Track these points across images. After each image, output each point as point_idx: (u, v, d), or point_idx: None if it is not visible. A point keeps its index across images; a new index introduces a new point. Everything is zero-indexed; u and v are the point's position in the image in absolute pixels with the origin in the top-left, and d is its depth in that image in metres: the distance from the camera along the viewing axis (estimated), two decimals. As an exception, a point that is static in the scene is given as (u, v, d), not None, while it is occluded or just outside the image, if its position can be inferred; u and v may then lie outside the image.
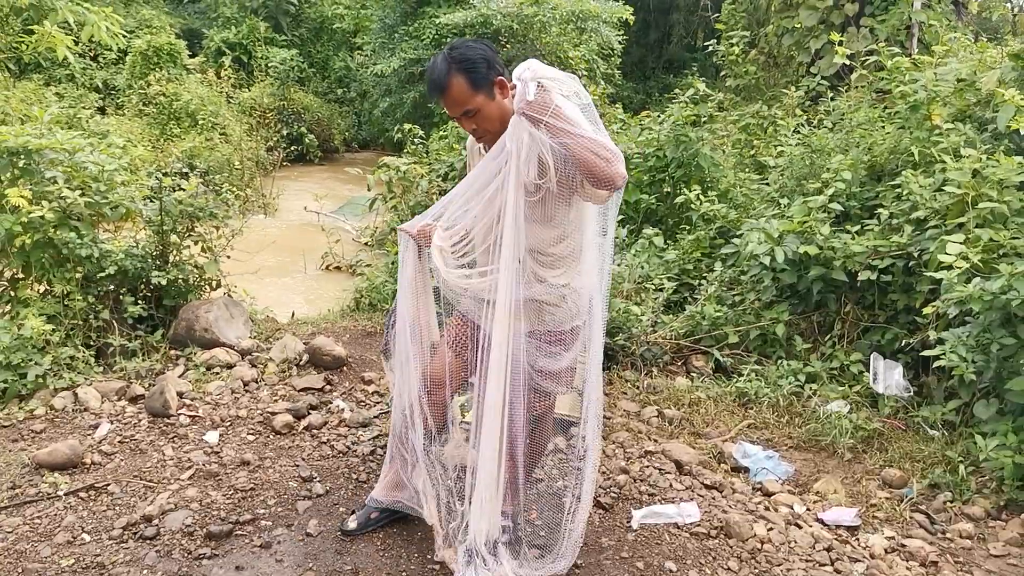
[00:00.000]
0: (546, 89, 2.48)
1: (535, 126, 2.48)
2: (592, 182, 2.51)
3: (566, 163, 2.53)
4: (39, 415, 4.25)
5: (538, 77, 2.47)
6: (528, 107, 2.46)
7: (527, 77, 2.47)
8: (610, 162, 2.45)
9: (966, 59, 6.53)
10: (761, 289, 5.69)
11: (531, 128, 2.49)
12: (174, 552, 3.12)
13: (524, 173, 2.56)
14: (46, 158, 4.91)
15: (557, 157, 2.52)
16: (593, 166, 2.45)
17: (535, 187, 2.63)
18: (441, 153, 8.44)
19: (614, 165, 2.46)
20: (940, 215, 4.93)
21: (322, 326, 5.95)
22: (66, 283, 4.74)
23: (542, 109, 2.46)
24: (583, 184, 2.59)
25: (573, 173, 2.57)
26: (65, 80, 17.16)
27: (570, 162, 2.52)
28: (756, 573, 3.23)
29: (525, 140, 2.52)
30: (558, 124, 2.45)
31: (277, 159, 15.25)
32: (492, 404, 2.78)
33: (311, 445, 4.09)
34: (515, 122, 2.53)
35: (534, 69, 2.49)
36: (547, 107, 2.46)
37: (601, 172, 2.46)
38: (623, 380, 5.30)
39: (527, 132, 2.50)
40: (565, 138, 2.45)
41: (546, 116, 2.45)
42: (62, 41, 6.78)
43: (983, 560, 3.54)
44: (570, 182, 2.62)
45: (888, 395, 4.81)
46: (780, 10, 12.45)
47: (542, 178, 2.59)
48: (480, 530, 2.90)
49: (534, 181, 2.60)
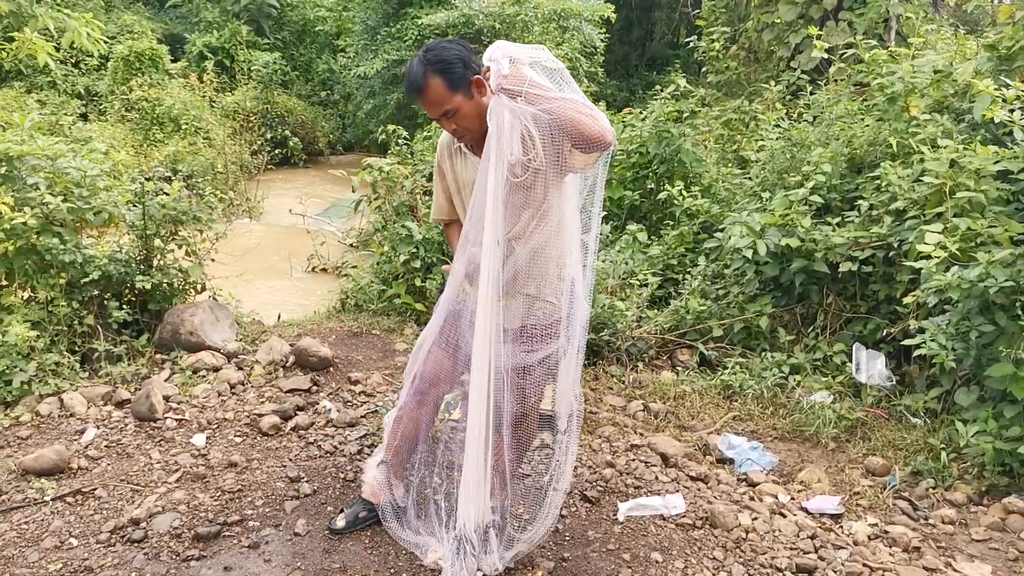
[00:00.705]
0: (518, 62, 2.49)
1: (514, 99, 2.49)
2: (582, 144, 2.51)
3: (552, 132, 2.52)
4: (25, 421, 4.24)
5: (508, 54, 2.49)
6: (505, 81, 2.47)
7: (497, 56, 2.48)
8: (595, 118, 2.48)
9: (943, 51, 6.59)
10: (744, 282, 5.73)
11: (511, 103, 2.49)
12: (162, 554, 3.13)
13: (508, 152, 2.56)
14: (28, 164, 4.90)
15: (541, 126, 2.50)
16: (580, 124, 2.47)
17: (523, 168, 2.62)
18: (425, 154, 8.46)
19: (600, 121, 2.48)
20: (919, 205, 4.98)
21: (308, 327, 5.96)
22: (50, 289, 4.73)
23: (519, 81, 2.47)
24: (571, 152, 2.58)
25: (560, 142, 2.55)
26: (47, 87, 17.06)
27: (556, 131, 2.51)
28: (741, 562, 3.27)
29: (506, 117, 2.51)
30: (537, 92, 2.47)
31: (261, 162, 15.22)
32: (477, 394, 2.79)
33: (298, 446, 4.10)
34: (494, 103, 2.53)
35: (503, 48, 2.51)
36: (523, 78, 2.47)
37: (589, 129, 2.47)
38: (609, 375, 5.33)
39: (507, 109, 2.50)
40: (546, 104, 2.47)
41: (524, 86, 2.47)
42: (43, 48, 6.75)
43: (965, 545, 3.58)
44: (558, 154, 2.59)
45: (871, 385, 4.86)
46: (760, 5, 12.51)
47: (527, 155, 2.58)
48: (468, 518, 2.92)
49: (520, 159, 2.58)
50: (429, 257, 6.29)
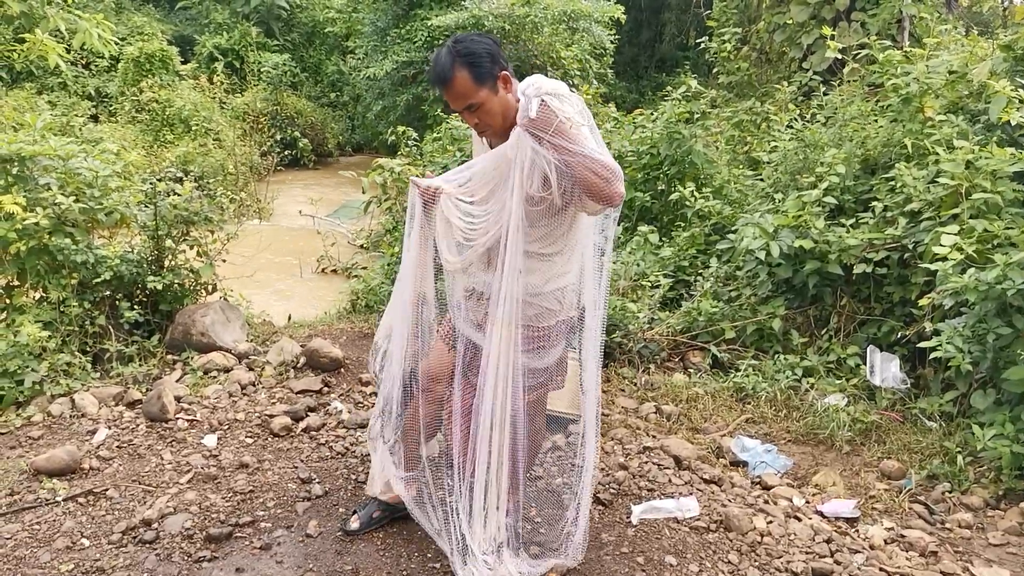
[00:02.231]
0: (548, 107, 2.48)
1: (537, 143, 2.50)
2: (591, 199, 2.55)
3: (567, 179, 2.56)
4: (37, 421, 4.24)
5: (542, 93, 2.48)
6: (530, 124, 2.48)
7: (531, 93, 2.48)
8: (609, 182, 2.48)
9: (957, 51, 6.55)
10: (757, 284, 5.70)
11: (534, 144, 2.51)
12: (174, 555, 3.12)
13: (528, 185, 2.59)
14: (40, 165, 4.91)
15: (559, 173, 2.54)
16: (592, 185, 2.49)
17: (539, 198, 2.66)
18: (435, 155, 8.43)
19: (613, 185, 2.49)
20: (934, 207, 4.94)
21: (319, 328, 5.95)
22: (62, 289, 4.73)
23: (544, 126, 2.48)
24: (582, 198, 2.62)
25: (574, 188, 2.60)
26: (57, 88, 17.13)
27: (571, 182, 2.55)
28: (756, 566, 3.24)
29: (528, 155, 2.54)
30: (559, 142, 2.48)
31: (271, 164, 15.22)
32: (489, 406, 2.78)
33: (309, 447, 4.08)
34: (519, 136, 2.55)
35: (539, 85, 2.50)
36: (549, 125, 2.48)
37: (600, 191, 2.49)
38: (621, 377, 5.30)
39: (530, 148, 2.53)
40: (566, 156, 2.48)
41: (548, 134, 2.48)
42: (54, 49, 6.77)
43: (982, 549, 3.54)
44: (570, 195, 2.65)
45: (885, 388, 4.82)
46: (771, 6, 12.46)
47: (545, 190, 2.62)
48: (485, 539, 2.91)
49: (538, 193, 2.63)
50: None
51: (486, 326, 2.82)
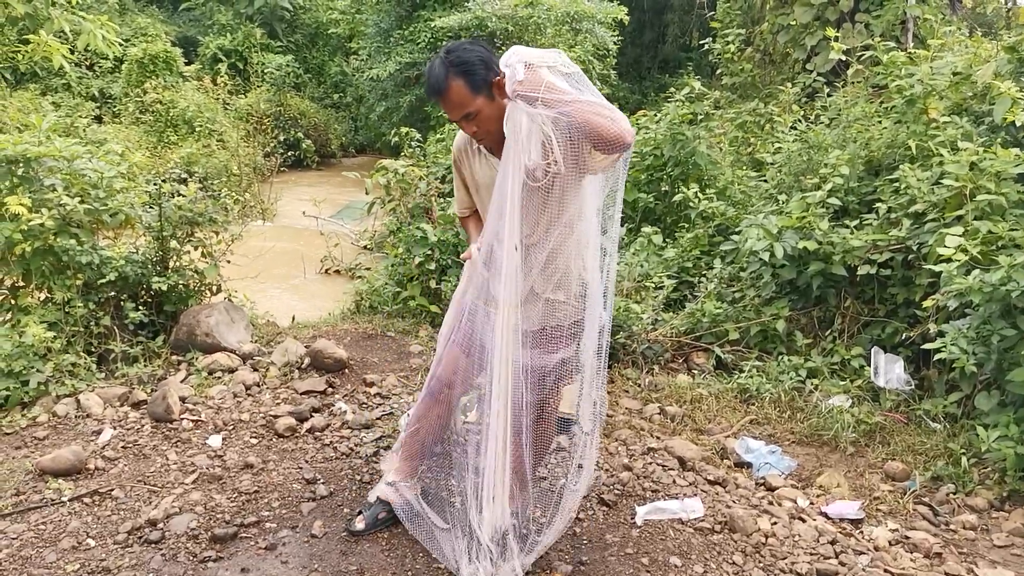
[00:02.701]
0: (534, 67, 2.47)
1: (531, 104, 2.47)
2: (601, 145, 2.49)
3: (570, 135, 2.50)
4: (42, 422, 4.25)
5: (524, 59, 2.47)
6: (521, 86, 2.45)
7: (513, 61, 2.47)
8: (615, 120, 2.45)
9: (961, 53, 6.55)
10: (761, 285, 5.70)
11: (528, 108, 2.47)
12: (179, 555, 3.13)
13: (526, 156, 2.53)
14: (45, 166, 4.91)
15: (560, 129, 2.49)
16: (599, 126, 2.44)
17: (542, 172, 2.61)
18: (439, 156, 8.47)
19: (619, 122, 2.46)
20: (938, 208, 4.94)
21: (323, 329, 5.96)
22: (67, 290, 4.74)
23: (535, 85, 2.45)
24: (591, 153, 2.56)
25: (579, 145, 2.53)
26: (61, 89, 17.17)
27: (575, 133, 2.49)
28: (761, 567, 3.24)
29: (523, 122, 2.49)
30: (554, 96, 2.45)
31: (274, 164, 15.25)
32: (496, 398, 2.78)
33: (314, 447, 4.09)
34: (511, 108, 2.51)
35: (519, 53, 2.49)
36: (540, 82, 2.45)
37: (608, 131, 2.45)
38: (624, 378, 5.31)
39: (524, 114, 2.48)
40: (564, 107, 2.44)
41: (540, 91, 2.45)
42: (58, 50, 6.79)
43: (987, 551, 3.54)
44: (577, 157, 2.58)
45: (889, 389, 4.82)
46: (775, 7, 12.45)
47: (546, 159, 2.57)
48: (488, 523, 2.91)
49: (538, 163, 2.57)
50: (444, 259, 6.28)
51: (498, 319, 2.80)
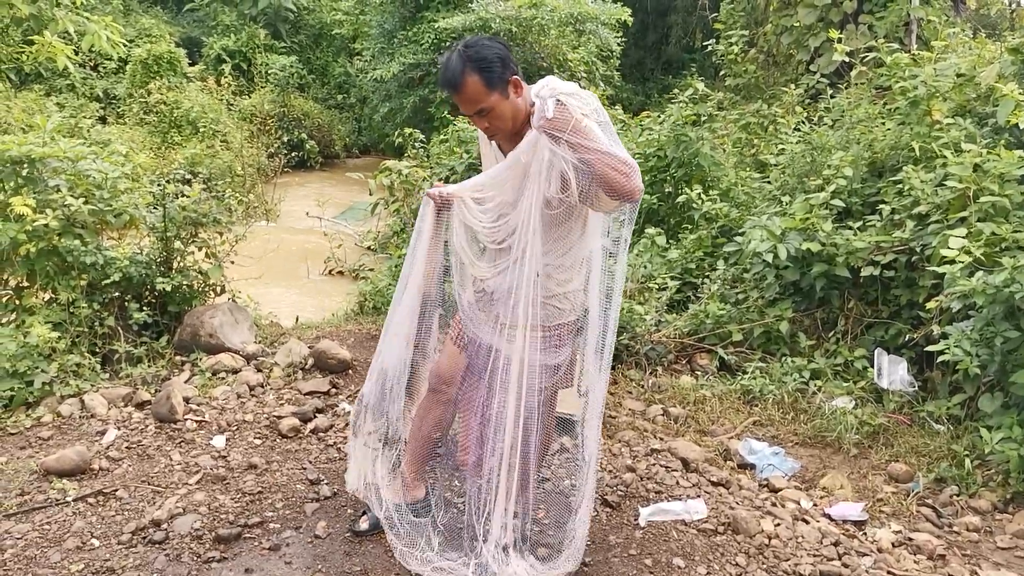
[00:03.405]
0: (565, 106, 2.50)
1: (555, 143, 2.51)
2: (611, 195, 2.57)
3: (586, 178, 2.57)
4: (46, 422, 4.26)
5: (557, 94, 2.50)
6: (548, 124, 2.50)
7: (546, 95, 2.50)
8: (629, 177, 2.51)
9: (965, 54, 6.55)
10: (764, 287, 5.69)
11: (552, 145, 2.52)
12: (183, 556, 3.13)
13: (546, 189, 2.61)
14: (49, 167, 4.93)
15: (578, 172, 2.55)
16: (613, 181, 2.51)
17: (558, 202, 2.68)
18: (442, 157, 8.44)
19: (632, 180, 2.51)
20: (942, 210, 4.94)
21: (326, 330, 5.96)
22: (71, 291, 4.75)
23: (562, 126, 2.50)
24: (598, 196, 2.63)
25: (591, 188, 2.61)
26: (66, 90, 17.20)
27: (589, 180, 2.56)
28: (764, 568, 3.24)
29: (546, 157, 2.56)
30: (577, 140, 2.50)
31: (278, 165, 15.26)
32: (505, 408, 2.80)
33: (318, 448, 4.10)
34: (535, 139, 2.56)
35: (553, 86, 2.53)
36: (567, 124, 2.50)
37: (620, 187, 2.52)
38: (628, 379, 5.31)
39: (548, 149, 2.54)
40: (585, 154, 2.50)
41: (566, 133, 2.49)
42: (62, 51, 6.80)
43: (990, 553, 3.54)
44: (589, 195, 2.65)
45: (893, 390, 4.82)
46: (778, 9, 12.45)
47: (564, 192, 2.63)
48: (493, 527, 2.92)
49: (556, 196, 2.64)
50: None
51: (497, 326, 2.83)
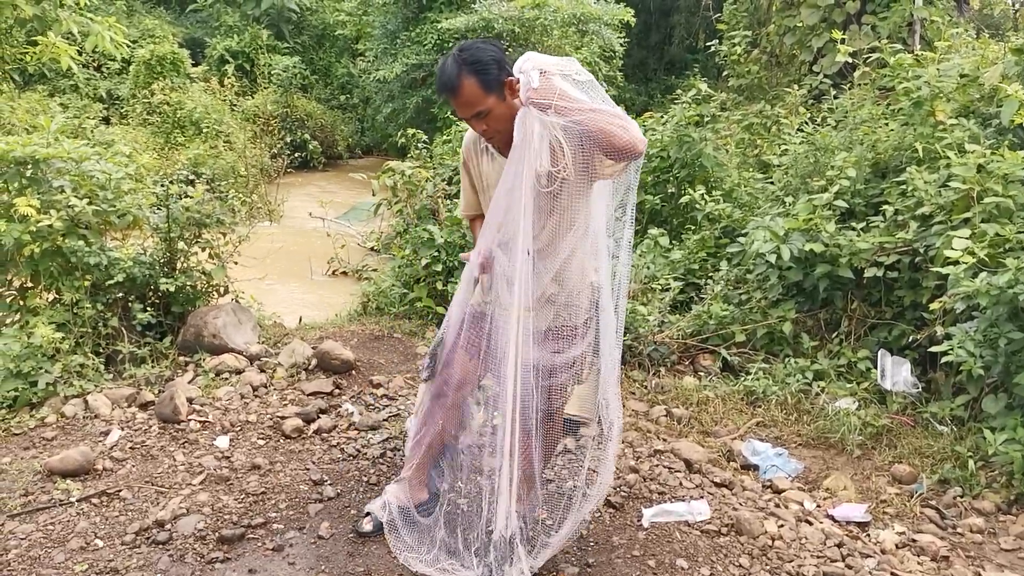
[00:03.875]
0: (548, 75, 2.50)
1: (544, 112, 2.49)
2: (613, 154, 2.53)
3: (582, 143, 2.53)
4: (50, 423, 4.27)
5: (538, 66, 2.50)
6: (535, 94, 2.48)
7: (528, 68, 2.50)
8: (627, 128, 2.49)
9: (968, 55, 6.54)
10: (767, 287, 5.69)
11: (541, 115, 2.50)
12: (187, 556, 3.14)
13: (537, 162, 2.57)
14: (53, 167, 4.93)
15: (571, 136, 2.52)
16: (611, 135, 2.48)
17: (551, 178, 2.63)
18: (445, 157, 8.46)
19: (631, 131, 2.49)
20: (945, 211, 4.94)
21: (330, 331, 5.97)
22: (75, 291, 4.75)
23: (549, 94, 2.48)
24: (602, 161, 2.59)
25: (590, 152, 2.57)
26: (69, 90, 17.20)
27: (586, 141, 2.52)
28: (768, 570, 3.24)
29: (536, 129, 2.53)
30: (567, 104, 2.48)
31: (281, 166, 15.26)
32: (506, 402, 2.79)
33: (321, 449, 4.10)
34: (523, 113, 2.54)
35: (533, 60, 2.52)
36: (553, 91, 2.49)
37: (620, 140, 2.48)
38: (631, 380, 5.31)
39: (537, 121, 2.52)
40: (577, 115, 2.48)
41: (554, 99, 2.47)
42: (66, 51, 6.82)
43: (994, 554, 3.54)
44: (587, 164, 2.61)
45: (896, 392, 4.81)
46: (781, 9, 12.42)
47: (556, 165, 2.60)
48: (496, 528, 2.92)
49: (548, 169, 2.60)
50: (451, 260, 6.29)
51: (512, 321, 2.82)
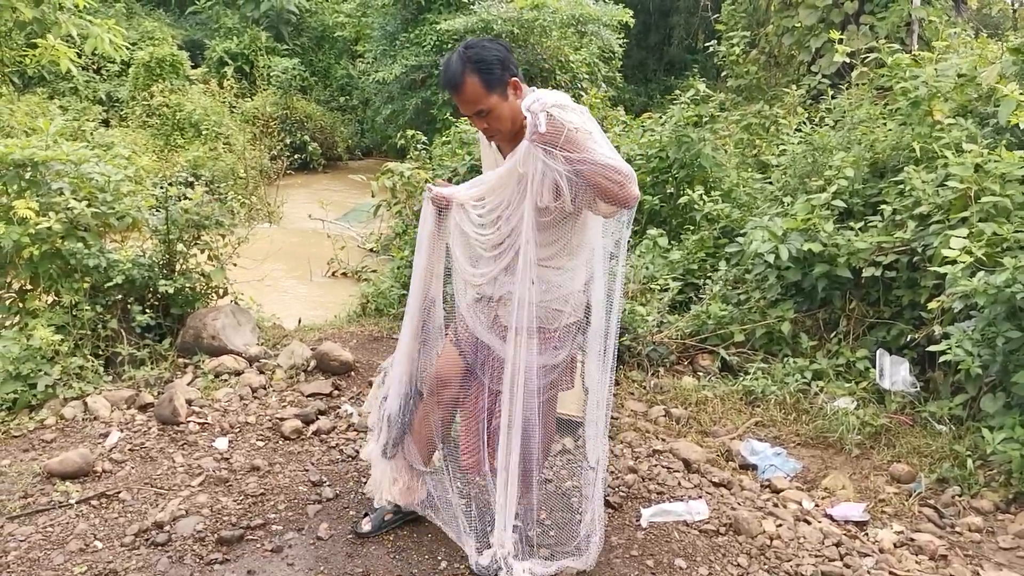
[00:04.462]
0: (556, 119, 2.51)
1: (549, 156, 2.52)
2: (606, 203, 2.60)
3: (579, 186, 2.59)
4: (49, 425, 4.27)
5: (547, 107, 2.51)
6: (540, 138, 2.51)
7: (536, 108, 2.51)
8: (623, 185, 2.53)
9: (966, 55, 6.54)
10: (766, 287, 5.69)
11: (545, 157, 2.54)
12: (186, 558, 3.14)
13: (538, 198, 2.64)
14: (52, 169, 4.94)
15: (571, 182, 2.57)
16: (607, 190, 2.53)
17: (551, 208, 2.70)
18: (444, 158, 8.45)
19: (627, 188, 2.53)
20: (943, 210, 4.94)
21: (329, 332, 5.97)
22: (74, 293, 4.76)
23: (554, 139, 2.51)
24: (596, 202, 2.65)
25: (587, 197, 2.63)
26: (69, 93, 17.23)
27: (584, 189, 2.58)
28: (766, 569, 3.24)
29: (539, 168, 2.58)
30: (570, 153, 2.52)
31: (281, 167, 15.28)
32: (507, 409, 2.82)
33: (320, 450, 4.11)
34: (529, 150, 2.58)
35: (543, 100, 2.53)
36: (559, 136, 2.52)
37: (614, 195, 2.54)
38: (630, 380, 5.31)
39: (541, 161, 2.56)
40: (579, 166, 2.52)
41: (559, 145, 2.51)
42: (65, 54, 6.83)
43: (992, 553, 3.54)
44: (582, 201, 2.67)
45: (895, 391, 4.81)
46: (780, 9, 12.45)
47: (557, 200, 2.66)
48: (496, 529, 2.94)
49: (549, 203, 2.66)
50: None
51: (496, 328, 2.86)
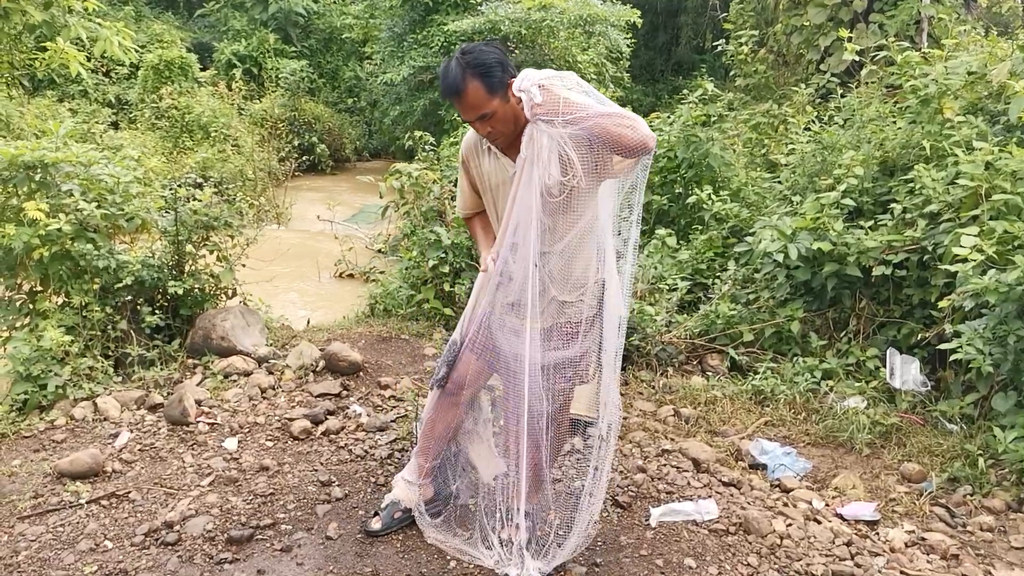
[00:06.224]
0: (548, 88, 2.50)
1: (551, 125, 2.50)
2: (625, 153, 2.56)
3: (591, 144, 2.55)
4: (60, 425, 4.28)
5: (537, 81, 2.50)
6: (540, 109, 2.49)
7: (526, 86, 2.50)
8: (635, 128, 2.51)
9: (976, 52, 6.51)
10: (775, 287, 5.68)
11: (548, 129, 2.52)
12: (196, 557, 3.15)
13: (546, 176, 2.60)
14: (62, 171, 4.95)
15: (580, 142, 2.54)
16: (620, 136, 2.50)
17: (560, 188, 2.66)
18: (452, 159, 8.44)
19: (640, 129, 2.52)
20: (954, 208, 4.92)
21: (337, 332, 5.98)
22: (84, 294, 4.78)
23: (553, 108, 2.49)
24: (612, 159, 2.61)
25: (600, 153, 2.59)
26: (78, 96, 17.31)
27: (597, 143, 2.54)
28: (776, 569, 3.23)
29: (544, 143, 2.55)
30: (573, 112, 2.50)
31: (289, 169, 15.33)
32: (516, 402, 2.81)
33: (329, 450, 4.11)
34: (531, 130, 2.56)
35: (530, 77, 2.53)
36: (557, 101, 2.50)
37: (629, 140, 2.52)
38: (639, 380, 5.30)
39: (545, 135, 2.53)
40: (584, 122, 2.49)
41: (559, 108, 2.49)
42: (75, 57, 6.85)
43: (1004, 552, 3.52)
44: (597, 164, 2.63)
45: (905, 390, 4.79)
46: (788, 8, 12.43)
47: (566, 175, 2.62)
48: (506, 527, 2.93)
49: (558, 180, 2.62)
50: (458, 262, 6.29)
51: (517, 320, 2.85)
